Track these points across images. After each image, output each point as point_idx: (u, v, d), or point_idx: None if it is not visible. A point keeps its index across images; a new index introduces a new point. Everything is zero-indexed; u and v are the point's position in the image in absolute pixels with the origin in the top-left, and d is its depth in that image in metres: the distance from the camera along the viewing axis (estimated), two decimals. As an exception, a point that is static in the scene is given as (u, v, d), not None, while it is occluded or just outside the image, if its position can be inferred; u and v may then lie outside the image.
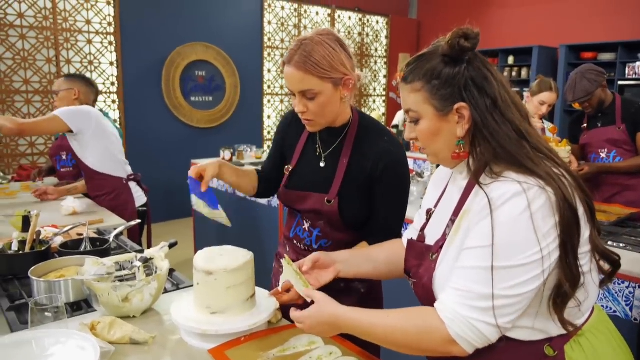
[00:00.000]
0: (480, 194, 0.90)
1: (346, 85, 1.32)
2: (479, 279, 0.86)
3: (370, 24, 7.66)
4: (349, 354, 1.14)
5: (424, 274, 1.00)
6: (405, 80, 0.99)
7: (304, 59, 1.25)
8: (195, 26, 5.68)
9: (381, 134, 1.40)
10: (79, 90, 2.73)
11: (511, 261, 0.84)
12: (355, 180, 1.38)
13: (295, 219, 1.50)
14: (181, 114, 5.72)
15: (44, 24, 4.77)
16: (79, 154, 2.62)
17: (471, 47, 0.93)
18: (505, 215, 0.85)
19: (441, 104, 0.94)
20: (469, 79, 0.94)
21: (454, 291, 0.89)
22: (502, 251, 0.84)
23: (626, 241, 2.08)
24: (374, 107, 7.96)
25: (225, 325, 1.17)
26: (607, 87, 2.80)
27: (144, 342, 1.17)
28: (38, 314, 1.08)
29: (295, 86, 1.29)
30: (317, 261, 1.20)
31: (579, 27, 6.40)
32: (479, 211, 0.89)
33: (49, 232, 1.85)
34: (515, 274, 0.84)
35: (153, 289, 1.31)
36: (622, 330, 0.91)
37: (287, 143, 1.55)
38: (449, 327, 0.87)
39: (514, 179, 0.87)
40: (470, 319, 0.86)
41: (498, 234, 0.85)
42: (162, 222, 5.52)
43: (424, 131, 0.98)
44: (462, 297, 0.87)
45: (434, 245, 1.01)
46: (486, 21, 7.35)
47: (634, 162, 2.74)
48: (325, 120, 1.36)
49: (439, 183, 1.16)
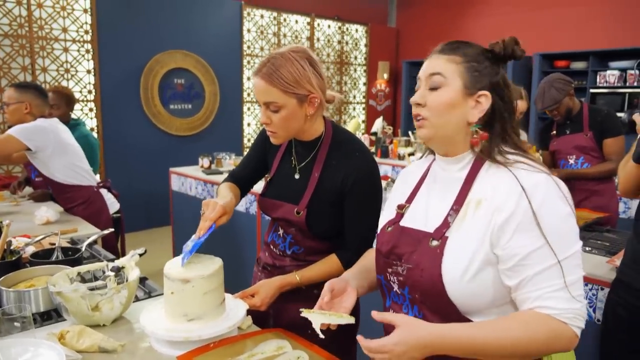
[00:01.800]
0: (504, 181, 0.96)
1: (311, 103, 1.34)
2: (563, 271, 0.92)
3: (350, 32, 7.74)
4: (317, 358, 1.17)
5: (422, 260, 1.00)
6: (442, 52, 1.03)
7: (270, 72, 1.29)
8: (174, 34, 5.68)
9: (353, 149, 1.43)
10: (30, 102, 2.52)
11: (575, 245, 0.94)
12: (325, 194, 1.40)
13: (273, 225, 1.55)
14: (160, 121, 5.70)
15: (18, 32, 4.72)
16: (44, 171, 2.54)
17: (519, 56, 1.03)
18: (549, 203, 0.93)
19: (471, 83, 1.00)
20: (501, 79, 1.02)
21: (556, 292, 0.92)
22: (566, 240, 0.94)
23: (592, 245, 2.14)
24: (354, 115, 8.03)
25: (195, 332, 1.19)
26: (574, 96, 2.89)
27: (113, 350, 1.18)
28: (5, 323, 1.08)
29: (260, 97, 1.33)
30: (333, 290, 1.13)
31: (553, 36, 6.57)
32: (513, 198, 0.94)
33: (21, 242, 1.84)
34: (579, 255, 0.95)
35: (123, 298, 1.32)
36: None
37: (269, 151, 1.58)
38: (573, 326, 0.92)
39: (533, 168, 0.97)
40: (582, 308, 0.93)
41: (555, 224, 0.93)
42: (140, 230, 5.47)
43: (442, 99, 1.00)
44: (565, 293, 0.92)
45: (435, 232, 1.02)
46: (462, 30, 7.50)
47: (601, 168, 2.82)
48: (287, 134, 1.39)
49: (410, 179, 1.19)
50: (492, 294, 0.96)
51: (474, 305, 0.97)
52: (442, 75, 1.01)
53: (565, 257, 0.92)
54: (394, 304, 1.10)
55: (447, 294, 0.96)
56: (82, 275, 1.46)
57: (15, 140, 2.37)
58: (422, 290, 1.00)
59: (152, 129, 5.68)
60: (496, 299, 0.97)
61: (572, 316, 0.92)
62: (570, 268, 0.92)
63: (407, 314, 1.05)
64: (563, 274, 0.92)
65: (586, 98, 6.02)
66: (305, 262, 1.46)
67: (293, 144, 1.49)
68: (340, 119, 7.82)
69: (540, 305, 0.92)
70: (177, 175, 4.36)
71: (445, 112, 1.00)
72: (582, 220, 2.49)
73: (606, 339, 1.68)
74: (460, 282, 0.95)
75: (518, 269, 0.93)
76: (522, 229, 0.92)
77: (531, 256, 0.92)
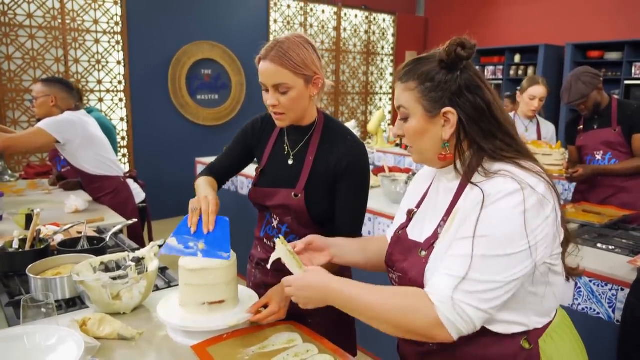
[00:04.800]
0: (475, 190, 0.95)
1: (315, 84, 1.42)
2: (470, 265, 0.90)
3: (377, 22, 7.67)
4: (325, 351, 1.19)
5: (410, 269, 1.04)
6: (400, 80, 1.04)
7: (280, 54, 1.35)
8: (202, 25, 5.74)
9: (344, 134, 1.49)
10: (56, 96, 2.64)
11: (503, 250, 0.89)
12: (320, 176, 1.46)
13: (265, 219, 1.58)
14: (187, 112, 5.80)
15: (52, 24, 4.86)
16: (73, 162, 2.65)
17: (467, 56, 0.99)
18: (499, 207, 0.90)
19: (430, 106, 1.00)
20: (462, 86, 0.99)
21: (446, 276, 0.92)
22: (494, 241, 0.90)
23: (616, 244, 2.10)
24: (380, 105, 7.99)
25: (209, 323, 1.23)
26: (603, 90, 2.81)
27: (131, 338, 1.24)
28: (30, 310, 1.14)
29: (269, 79, 1.38)
30: (311, 243, 1.23)
31: (586, 25, 6.36)
32: (473, 206, 0.93)
33: (50, 230, 1.92)
34: (505, 263, 0.90)
35: (142, 287, 1.37)
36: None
37: (255, 144, 1.62)
38: (439, 310, 0.91)
39: (512, 176, 0.92)
40: (460, 302, 0.90)
41: (492, 224, 0.90)
42: (166, 219, 5.60)
43: (412, 129, 1.03)
44: (453, 281, 0.91)
45: (424, 242, 1.04)
46: (493, 19, 7.34)
47: (629, 165, 2.75)
48: (295, 115, 1.43)
49: (421, 184, 1.21)
50: None
51: None
52: (404, 107, 1.04)
53: (482, 254, 0.90)
54: None
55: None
56: (105, 264, 1.52)
57: (44, 133, 2.46)
58: None
59: (180, 119, 5.79)
60: None
61: (445, 302, 0.90)
62: (483, 268, 0.90)
63: None
64: (469, 268, 0.90)
65: (620, 90, 5.83)
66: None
67: (285, 132, 1.54)
68: (366, 110, 7.79)
69: (428, 280, 0.95)
70: (203, 165, 4.43)
71: (419, 139, 1.04)
72: (608, 218, 2.44)
73: (624, 340, 1.66)
74: None
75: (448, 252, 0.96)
76: (465, 223, 0.94)
77: (455, 243, 0.94)
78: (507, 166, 0.96)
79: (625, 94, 5.79)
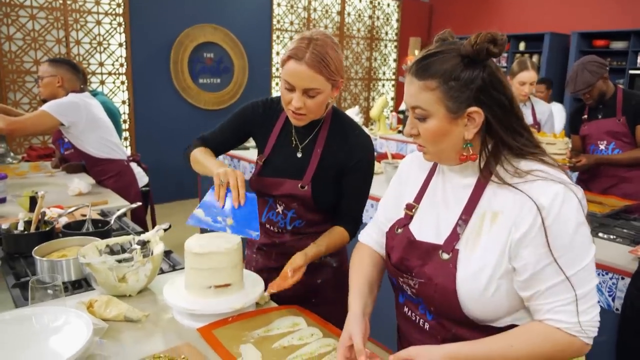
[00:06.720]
0: (519, 196, 0.92)
1: (337, 87, 1.40)
2: (572, 286, 0.90)
3: (381, 6, 7.59)
4: (329, 335, 1.21)
5: (434, 275, 0.99)
6: (416, 76, 0.95)
7: (318, 59, 1.29)
8: (204, 8, 5.69)
9: (353, 128, 1.51)
10: (62, 77, 2.63)
11: (587, 259, 0.92)
12: (327, 169, 1.46)
13: (267, 205, 1.55)
14: (189, 95, 5.77)
15: (53, 5, 4.82)
16: (77, 144, 2.66)
17: (499, 53, 0.92)
18: (562, 221, 0.89)
19: (455, 106, 0.93)
20: (486, 83, 0.93)
21: (562, 312, 0.91)
22: (575, 258, 0.91)
23: (617, 233, 2.11)
24: (383, 91, 7.95)
25: (214, 306, 1.24)
26: (608, 79, 2.80)
27: (138, 320, 1.25)
28: (38, 291, 1.15)
29: (302, 83, 1.31)
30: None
31: (592, 14, 6.30)
32: (524, 215, 0.91)
33: (54, 212, 1.93)
34: (591, 267, 0.93)
35: (148, 270, 1.38)
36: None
37: (256, 131, 1.58)
38: (583, 338, 0.92)
39: (550, 177, 0.92)
40: (588, 322, 0.91)
41: (565, 244, 0.90)
42: (168, 202, 5.62)
43: (431, 131, 0.96)
44: (571, 309, 0.91)
45: (445, 244, 0.99)
46: (498, 6, 7.26)
47: (632, 155, 2.74)
48: (314, 116, 1.43)
49: (416, 173, 1.15)
50: (507, 305, 0.96)
51: (489, 316, 0.97)
52: (421, 108, 0.95)
53: (574, 272, 0.90)
54: (408, 302, 1.11)
55: (462, 309, 0.96)
56: (110, 247, 1.53)
57: (49, 116, 2.45)
58: (437, 304, 1.00)
59: (182, 103, 5.77)
60: (511, 307, 0.97)
61: (580, 329, 0.91)
62: (581, 281, 0.91)
63: (424, 315, 1.06)
64: (573, 288, 0.90)
65: (625, 79, 5.80)
66: (304, 234, 1.52)
67: (292, 125, 1.50)
68: (369, 96, 7.75)
69: (551, 318, 0.92)
70: (204, 149, 4.42)
71: (439, 140, 0.97)
72: (610, 208, 2.45)
73: (623, 329, 1.68)
74: (479, 299, 0.95)
75: (531, 283, 0.92)
76: (534, 244, 0.91)
77: (542, 272, 0.91)
78: (535, 164, 0.95)
79: (629, 84, 5.76)
